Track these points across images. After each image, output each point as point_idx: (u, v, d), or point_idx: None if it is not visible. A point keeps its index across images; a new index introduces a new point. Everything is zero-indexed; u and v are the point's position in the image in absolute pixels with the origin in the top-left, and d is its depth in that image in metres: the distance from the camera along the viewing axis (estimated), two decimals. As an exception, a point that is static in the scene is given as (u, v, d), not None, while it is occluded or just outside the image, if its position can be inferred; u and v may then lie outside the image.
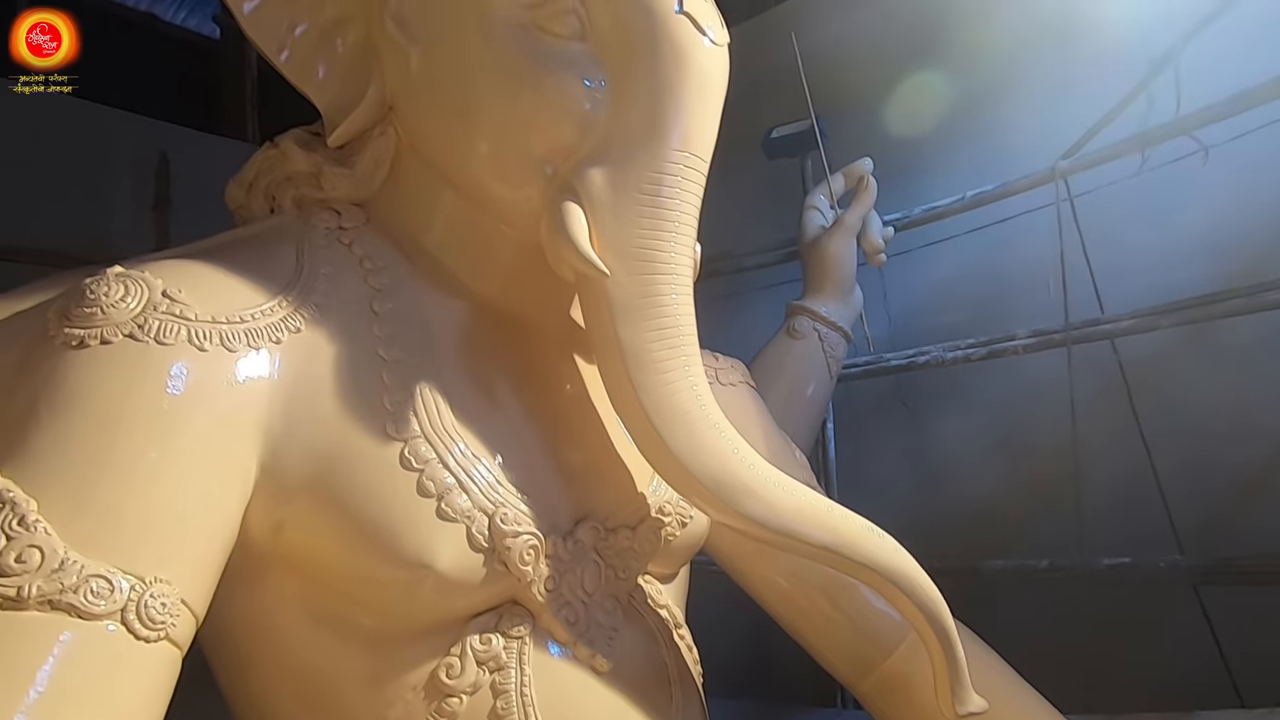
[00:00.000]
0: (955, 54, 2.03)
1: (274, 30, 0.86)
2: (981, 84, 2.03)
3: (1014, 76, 1.98)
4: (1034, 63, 1.96)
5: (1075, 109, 1.82)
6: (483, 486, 0.78)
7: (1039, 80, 1.94)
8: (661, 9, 0.78)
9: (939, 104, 2.03)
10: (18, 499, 0.58)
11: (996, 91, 2.01)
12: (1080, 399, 1.71)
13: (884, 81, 2.05)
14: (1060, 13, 1.90)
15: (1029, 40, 1.96)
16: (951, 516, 1.98)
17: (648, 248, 0.79)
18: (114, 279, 0.69)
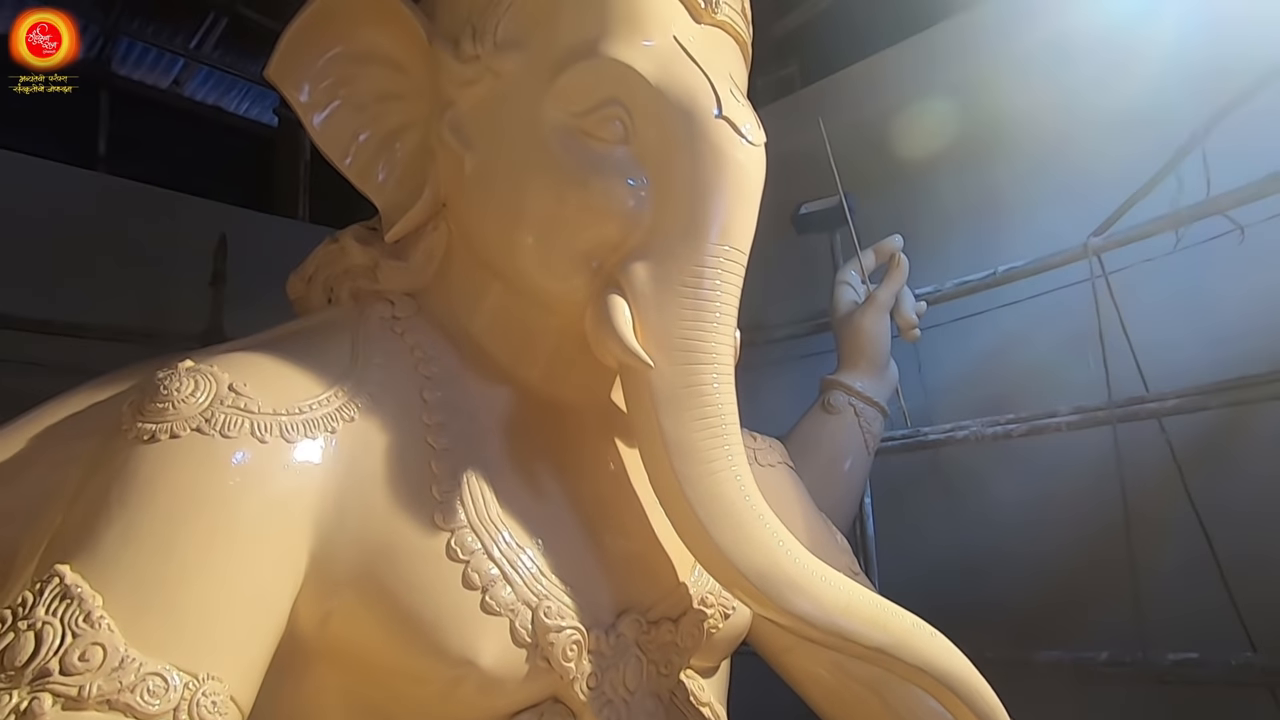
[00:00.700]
0: (983, 132, 2.08)
1: (340, 138, 0.93)
2: (1010, 162, 2.06)
3: (1042, 154, 2.01)
4: (1062, 141, 1.99)
5: (1104, 187, 1.84)
6: (526, 578, 0.79)
7: (1067, 158, 1.97)
8: (701, 114, 0.82)
9: (968, 180, 2.06)
10: (85, 594, 0.60)
11: (1025, 169, 2.04)
12: (1130, 480, 1.66)
13: (913, 159, 2.10)
14: (1087, 93, 1.94)
15: (1057, 119, 2.00)
16: (999, 601, 1.92)
17: (690, 338, 0.81)
18: (185, 374, 0.73)
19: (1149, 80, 1.84)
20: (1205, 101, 1.64)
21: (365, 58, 0.92)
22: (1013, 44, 2.08)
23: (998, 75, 2.05)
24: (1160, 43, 1.83)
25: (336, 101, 0.92)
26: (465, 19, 0.86)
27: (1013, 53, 2.07)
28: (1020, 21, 2.09)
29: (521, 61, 0.84)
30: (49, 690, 0.56)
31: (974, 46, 2.10)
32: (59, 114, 3.20)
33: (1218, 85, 1.63)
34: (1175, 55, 1.81)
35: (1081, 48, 1.94)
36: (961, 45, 2.13)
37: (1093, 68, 1.94)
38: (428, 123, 0.92)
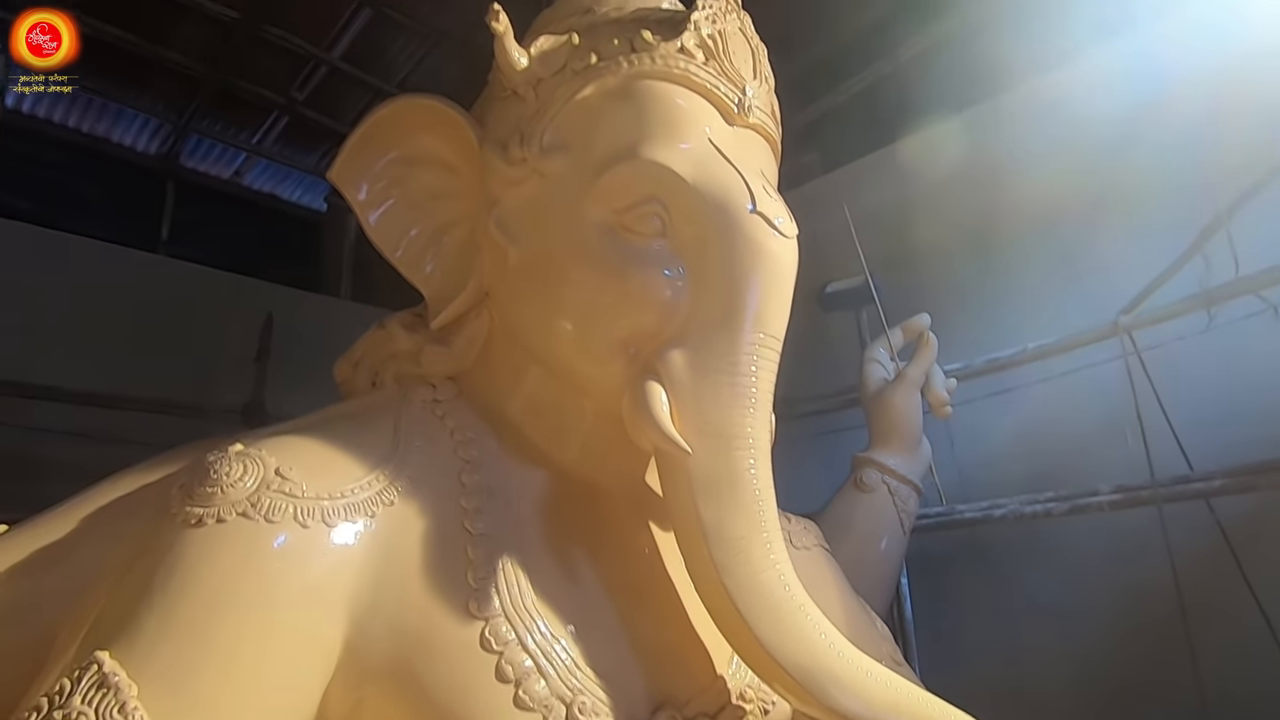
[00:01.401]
0: (1007, 214, 2.12)
1: (393, 233, 1.00)
2: (1036, 241, 2.09)
3: (1067, 234, 2.04)
4: (1087, 221, 2.02)
5: (1131, 266, 1.86)
6: (560, 670, 0.78)
7: (1093, 238, 2.00)
8: (736, 209, 0.87)
9: (993, 260, 2.10)
10: (121, 684, 0.62)
11: (1051, 249, 2.07)
12: (1181, 562, 1.62)
13: (936, 240, 2.14)
14: (1111, 174, 1.98)
15: (1080, 199, 2.04)
16: (1045, 688, 1.85)
17: (727, 424, 0.83)
18: (234, 458, 0.76)
19: (1173, 160, 1.88)
20: (1229, 182, 1.67)
21: (420, 160, 0.99)
22: (1035, 127, 2.14)
23: (1020, 159, 2.10)
24: (1183, 123, 1.88)
25: (391, 200, 1.00)
26: (514, 125, 0.93)
27: (1036, 135, 2.13)
28: (1043, 107, 2.16)
29: (566, 163, 0.90)
30: None
31: (996, 132, 2.17)
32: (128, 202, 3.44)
33: (1241, 165, 1.67)
34: (1198, 135, 1.85)
35: (1103, 130, 2.00)
36: (984, 130, 2.21)
37: (1116, 148, 1.98)
38: (475, 219, 0.98)
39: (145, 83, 3.38)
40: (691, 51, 0.91)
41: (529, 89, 0.93)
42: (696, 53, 0.91)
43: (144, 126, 3.56)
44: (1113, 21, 2.11)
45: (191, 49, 3.23)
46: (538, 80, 0.93)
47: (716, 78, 0.92)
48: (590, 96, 0.91)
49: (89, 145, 3.45)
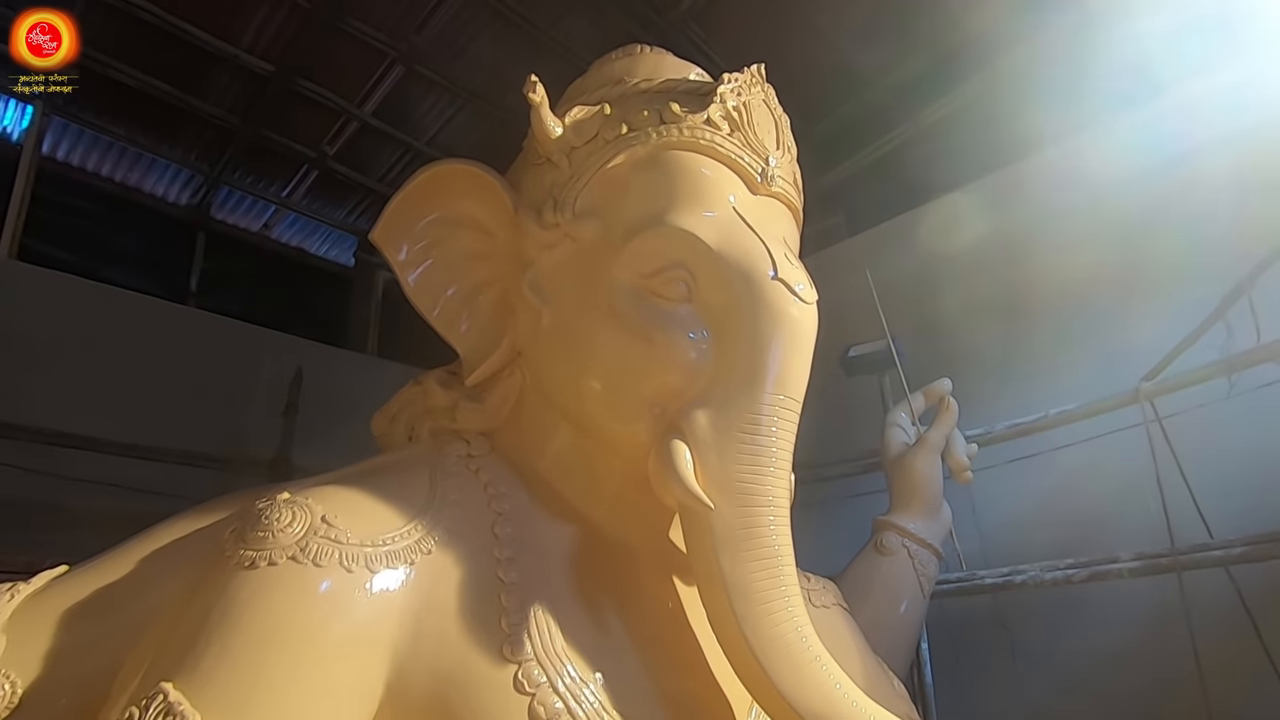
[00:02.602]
0: (1028, 280, 2.14)
1: (431, 292, 1.03)
2: (1057, 308, 2.11)
3: (1089, 302, 2.06)
4: (1109, 289, 2.04)
5: (1153, 334, 1.87)
6: (589, 712, 0.80)
7: (1114, 306, 2.02)
8: (758, 276, 0.90)
9: (1015, 326, 2.11)
10: (186, 712, 0.65)
11: (1072, 316, 2.08)
12: (1200, 630, 1.60)
13: (958, 305, 2.16)
14: (1133, 241, 2.01)
15: (1102, 267, 2.06)
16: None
17: (748, 482, 0.86)
18: (283, 505, 0.80)
19: (1194, 228, 1.90)
20: (1251, 249, 1.69)
21: (458, 222, 1.04)
22: (1057, 194, 2.18)
23: (1042, 225, 2.14)
24: (1204, 190, 1.91)
25: (430, 260, 1.03)
26: (548, 192, 0.97)
27: (1057, 201, 2.17)
28: (1065, 174, 2.20)
29: (597, 229, 0.94)
30: None
31: (1018, 198, 2.20)
32: (159, 253, 3.53)
33: (1263, 233, 1.69)
34: (1219, 203, 1.88)
35: (1125, 197, 2.03)
36: (1005, 197, 2.25)
37: (1138, 215, 2.01)
38: (509, 280, 1.02)
39: (179, 132, 3.51)
40: (717, 123, 0.96)
41: (563, 157, 0.98)
42: (722, 124, 0.96)
43: (176, 177, 3.68)
44: (1133, 90, 2.16)
45: (225, 100, 3.35)
46: (571, 149, 0.97)
47: (741, 148, 0.96)
48: (621, 165, 0.95)
49: (123, 195, 3.56)
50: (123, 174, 3.55)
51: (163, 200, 3.73)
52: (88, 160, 3.51)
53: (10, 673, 0.76)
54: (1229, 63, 1.85)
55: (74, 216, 3.40)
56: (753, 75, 1.01)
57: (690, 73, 1.08)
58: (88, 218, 3.45)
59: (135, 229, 3.52)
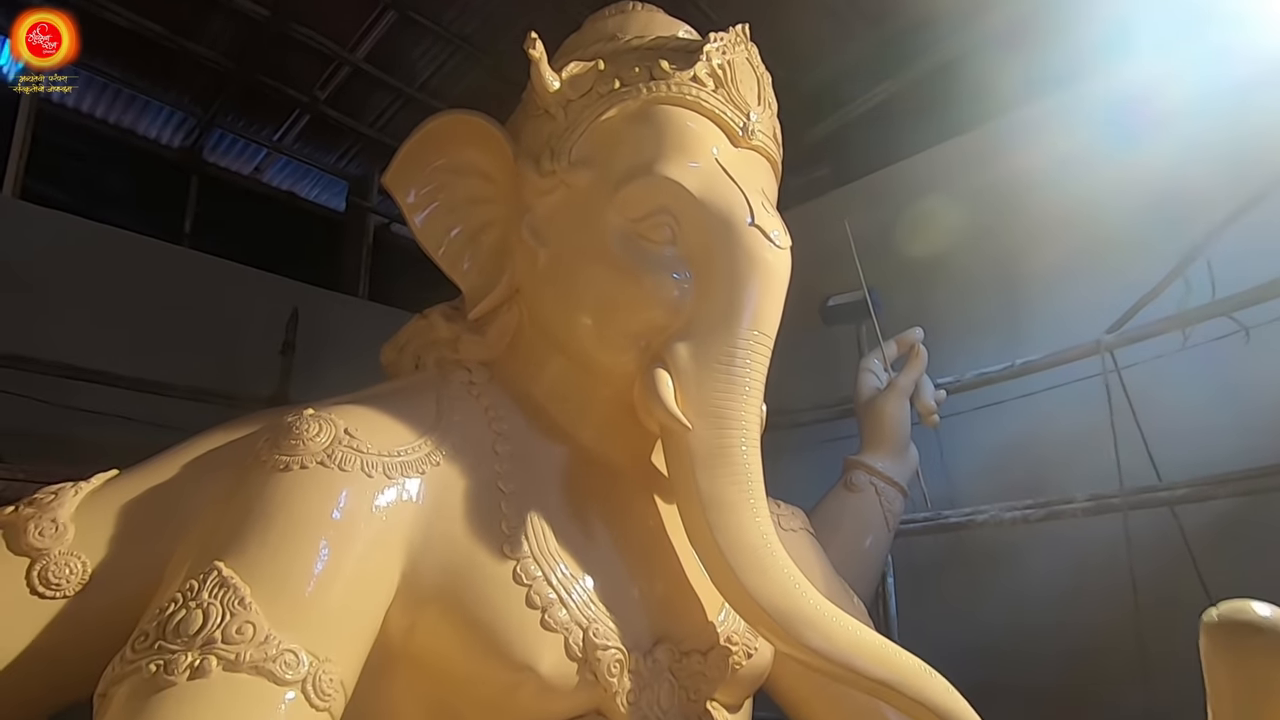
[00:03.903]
0: (1002, 236, 2.22)
1: (436, 233, 1.12)
2: (1029, 263, 2.20)
3: (1058, 258, 2.15)
4: (1077, 245, 2.13)
5: (1117, 289, 1.96)
6: (579, 603, 0.91)
7: (1082, 261, 2.11)
8: (737, 223, 0.99)
9: (988, 280, 2.20)
10: (238, 584, 0.75)
11: (1042, 271, 2.17)
12: (1143, 564, 1.72)
13: (936, 258, 2.25)
14: (1100, 201, 2.09)
15: (1072, 225, 2.14)
16: (1017, 680, 1.95)
17: (723, 407, 0.96)
18: (310, 419, 0.89)
19: (1157, 190, 1.99)
20: (1209, 212, 1.78)
21: (462, 169, 1.12)
22: (1030, 155, 2.25)
23: (1016, 184, 2.21)
24: (1168, 154, 1.99)
25: (435, 204, 1.12)
26: (545, 142, 1.05)
27: (1030, 164, 2.24)
28: (1037, 135, 2.27)
29: (590, 177, 1.03)
30: (214, 654, 0.70)
31: (993, 157, 2.27)
32: (153, 194, 3.54)
33: (1220, 196, 1.78)
34: (1182, 167, 1.96)
35: (1094, 159, 2.10)
36: (982, 155, 2.31)
37: (1105, 177, 2.09)
38: (508, 223, 1.11)
39: (172, 75, 3.49)
40: (703, 80, 1.04)
41: (559, 109, 1.05)
42: (707, 81, 1.04)
43: (169, 119, 3.67)
44: (1108, 53, 2.22)
45: (219, 43, 3.33)
46: (567, 102, 1.05)
47: (724, 104, 1.05)
48: (613, 118, 1.03)
49: (117, 137, 3.56)
50: (116, 116, 3.55)
51: (156, 142, 3.73)
52: (82, 102, 3.50)
53: (81, 554, 0.88)
54: (1198, 34, 1.91)
55: (70, 158, 3.40)
56: (737, 35, 1.08)
57: (679, 30, 1.15)
58: (83, 159, 3.46)
59: (130, 171, 3.53)
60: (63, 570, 0.86)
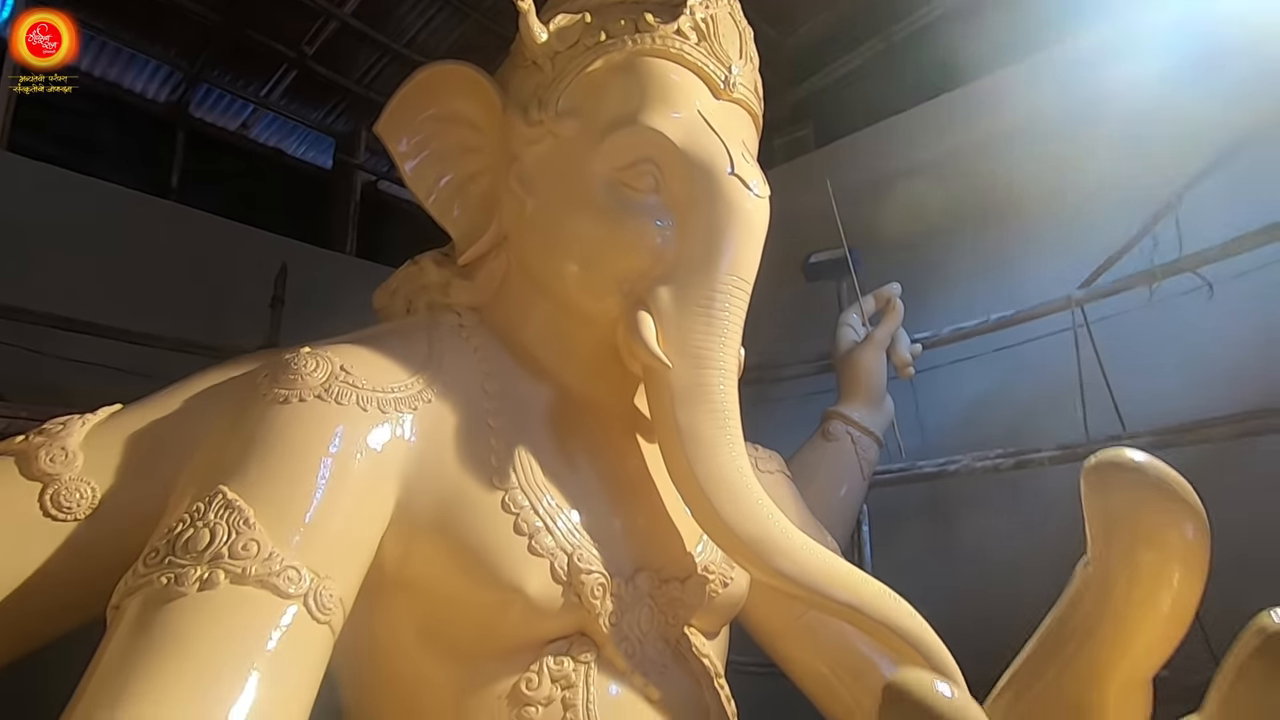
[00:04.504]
0: (979, 194, 2.27)
1: (426, 180, 1.15)
2: (1004, 221, 2.25)
3: (1034, 215, 2.20)
4: (1052, 204, 2.18)
5: (1089, 246, 2.02)
6: (564, 532, 0.97)
7: (1056, 220, 2.16)
8: (717, 172, 1.03)
9: (965, 238, 2.25)
10: (242, 506, 0.79)
11: (1018, 228, 2.22)
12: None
13: (915, 217, 2.29)
14: (1074, 161, 2.14)
15: (1046, 184, 2.19)
16: (986, 625, 2.02)
17: (702, 348, 1.01)
18: (307, 356, 0.94)
19: (1129, 150, 2.03)
20: (1178, 170, 1.84)
21: (452, 119, 1.15)
22: (1008, 116, 2.28)
23: (993, 145, 2.25)
24: (1138, 117, 2.03)
25: (426, 152, 1.15)
26: (533, 92, 1.09)
27: (1008, 124, 2.27)
28: (1015, 96, 2.30)
29: (576, 126, 1.06)
30: (222, 568, 0.74)
31: (972, 118, 2.31)
32: (140, 149, 3.52)
33: (1189, 156, 1.83)
34: (1154, 126, 2.00)
35: (1068, 120, 2.14)
36: (960, 116, 2.35)
37: (1079, 139, 2.13)
38: (497, 172, 1.14)
39: (158, 29, 3.45)
40: (686, 33, 1.07)
41: (547, 60, 1.09)
42: (690, 34, 1.08)
43: (155, 73, 3.63)
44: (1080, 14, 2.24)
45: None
46: (555, 53, 1.08)
47: (707, 57, 1.08)
48: (599, 69, 1.07)
49: (103, 91, 3.52)
50: (102, 69, 3.51)
51: (141, 96, 3.69)
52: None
53: (90, 480, 0.92)
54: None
55: (56, 111, 3.37)
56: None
57: None
58: (70, 113, 3.42)
59: (116, 125, 3.50)
60: (73, 495, 0.90)
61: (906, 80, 2.51)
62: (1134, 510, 0.24)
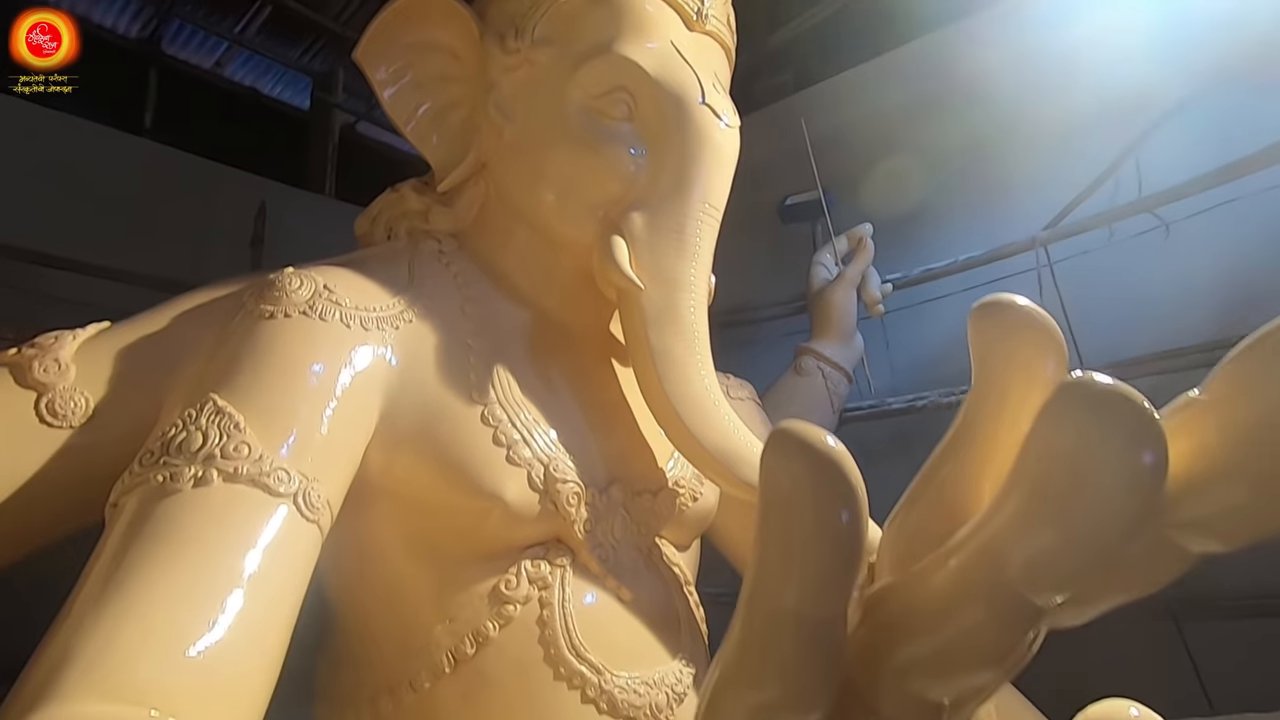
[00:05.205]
0: (949, 138, 2.31)
1: (405, 108, 1.18)
2: (974, 165, 2.30)
3: (1003, 160, 2.24)
4: (1020, 148, 2.22)
5: (1057, 189, 2.07)
6: (540, 444, 1.03)
7: (1024, 164, 2.21)
8: (689, 101, 1.07)
9: (935, 180, 2.30)
10: (232, 412, 0.84)
11: (987, 172, 2.27)
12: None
13: (887, 160, 2.33)
14: (1041, 106, 2.18)
15: (1015, 130, 2.23)
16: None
17: (673, 271, 1.06)
18: (292, 275, 0.98)
19: (1097, 97, 2.08)
20: (1141, 114, 1.89)
21: (430, 46, 1.17)
22: (978, 61, 2.30)
23: (962, 91, 2.28)
24: (1103, 63, 2.07)
25: (406, 78, 1.17)
26: (510, 20, 1.11)
27: (977, 69, 2.29)
28: (984, 43, 2.31)
29: (553, 54, 1.09)
30: (215, 468, 0.79)
31: (943, 63, 2.33)
32: (112, 87, 3.45)
33: (1152, 100, 1.88)
34: (1116, 74, 2.04)
35: (1036, 67, 2.17)
36: (933, 61, 2.37)
37: (1045, 84, 2.17)
38: (475, 100, 1.17)
39: (126, -39, 3.34)
40: None
41: None
42: None
43: (125, 8, 3.53)
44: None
45: (175, -73, 3.18)
46: None
47: None
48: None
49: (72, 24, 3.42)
50: (70, 3, 3.40)
51: (112, 32, 3.60)
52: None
53: (84, 390, 0.95)
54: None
55: (23, 44, 3.28)
56: None
57: None
58: (37, 46, 3.33)
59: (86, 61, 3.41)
60: (68, 404, 0.94)
61: (885, 25, 2.52)
62: (1008, 341, 0.30)
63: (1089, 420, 0.20)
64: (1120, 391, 0.20)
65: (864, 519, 0.22)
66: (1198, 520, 0.22)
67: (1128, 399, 0.20)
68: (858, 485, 0.22)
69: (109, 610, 0.67)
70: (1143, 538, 0.22)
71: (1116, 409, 0.20)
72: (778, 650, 0.22)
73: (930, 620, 0.23)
